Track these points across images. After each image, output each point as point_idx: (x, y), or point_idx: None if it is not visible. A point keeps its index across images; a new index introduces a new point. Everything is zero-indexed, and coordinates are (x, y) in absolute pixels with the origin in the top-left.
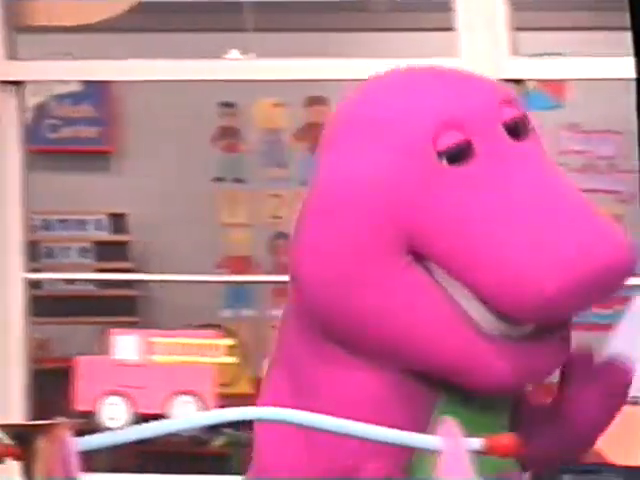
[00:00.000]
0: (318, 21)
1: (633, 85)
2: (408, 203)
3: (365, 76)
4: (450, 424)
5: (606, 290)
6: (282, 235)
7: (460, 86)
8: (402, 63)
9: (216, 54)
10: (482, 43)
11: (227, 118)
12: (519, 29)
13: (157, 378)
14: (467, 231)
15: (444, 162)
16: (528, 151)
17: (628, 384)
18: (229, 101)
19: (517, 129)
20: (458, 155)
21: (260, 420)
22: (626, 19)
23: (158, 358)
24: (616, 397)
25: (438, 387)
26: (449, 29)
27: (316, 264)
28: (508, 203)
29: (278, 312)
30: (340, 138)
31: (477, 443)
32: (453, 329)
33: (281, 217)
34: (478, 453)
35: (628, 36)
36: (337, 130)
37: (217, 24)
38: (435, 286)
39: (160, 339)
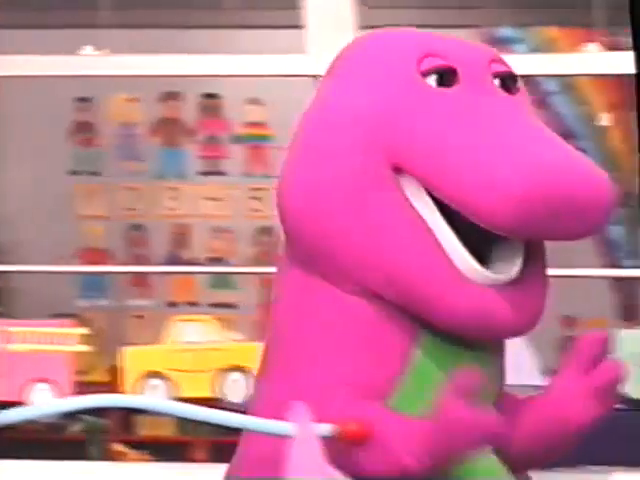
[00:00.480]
0: (172, 18)
1: None
2: (392, 120)
3: (218, 71)
4: (301, 409)
5: (580, 216)
6: (137, 227)
7: (454, 39)
8: (253, 59)
9: (71, 50)
10: (329, 40)
11: (82, 113)
12: (366, 27)
13: (14, 366)
14: (445, 144)
15: (430, 82)
16: (513, 100)
17: (616, 384)
18: (84, 96)
19: (505, 83)
20: (442, 77)
21: (112, 407)
22: (469, 17)
23: (15, 347)
24: (604, 396)
25: (418, 322)
26: (298, 27)
27: (301, 187)
28: (489, 124)
29: (133, 302)
30: (334, 74)
31: (327, 429)
32: (426, 258)
33: (136, 209)
34: (328, 438)
35: (472, 33)
36: (333, 68)
37: (71, 20)
38: (413, 212)
39: (17, 328)
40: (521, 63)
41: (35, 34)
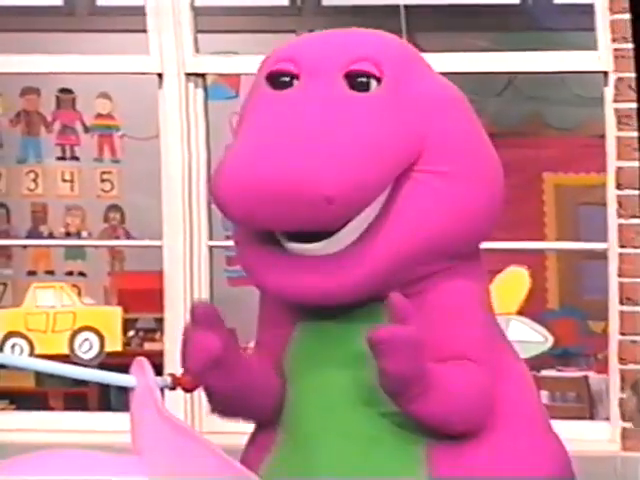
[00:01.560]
0: (31, 22)
1: None
2: (243, 117)
3: (70, 69)
4: (141, 362)
5: (278, 209)
6: (1, 205)
7: (326, 39)
8: (103, 59)
9: None
10: (169, 43)
11: None
12: (201, 31)
13: None
14: (233, 142)
15: (266, 85)
16: (349, 100)
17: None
18: None
19: (358, 82)
20: (278, 81)
21: None
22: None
23: None
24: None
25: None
26: (143, 31)
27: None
28: (265, 126)
29: None
30: None
31: (165, 380)
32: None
33: (0, 190)
34: (167, 388)
35: (291, 37)
36: None
37: None
38: None
39: None
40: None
41: None
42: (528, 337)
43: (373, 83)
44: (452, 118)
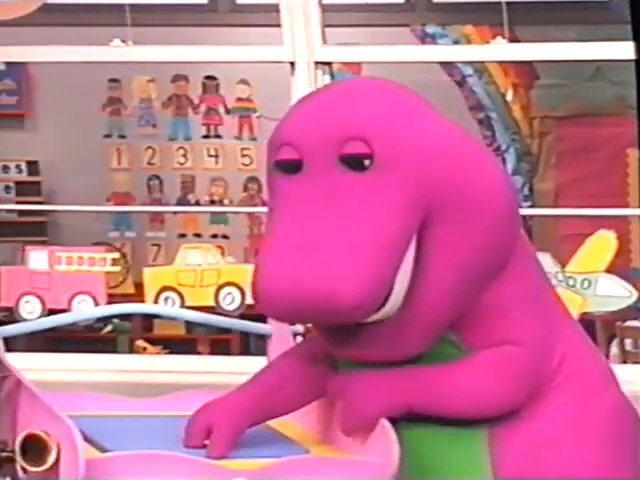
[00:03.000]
0: (180, 18)
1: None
2: (270, 206)
3: (214, 59)
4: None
5: (314, 315)
6: (155, 177)
7: (318, 115)
8: (243, 49)
9: (104, 42)
10: (300, 35)
11: (113, 90)
12: (327, 25)
13: (61, 282)
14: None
15: (278, 171)
16: (348, 185)
17: None
18: (115, 77)
19: (352, 163)
20: (285, 167)
21: (135, 313)
22: (402, 18)
23: (62, 268)
24: None
25: None
26: (277, 25)
27: None
28: (284, 223)
29: (152, 234)
30: None
31: (297, 328)
32: None
33: (154, 164)
34: (300, 335)
35: (405, 30)
36: None
37: (105, 20)
38: None
39: (63, 253)
40: (444, 52)
41: (81, 31)
42: (615, 292)
43: (366, 162)
44: (448, 169)
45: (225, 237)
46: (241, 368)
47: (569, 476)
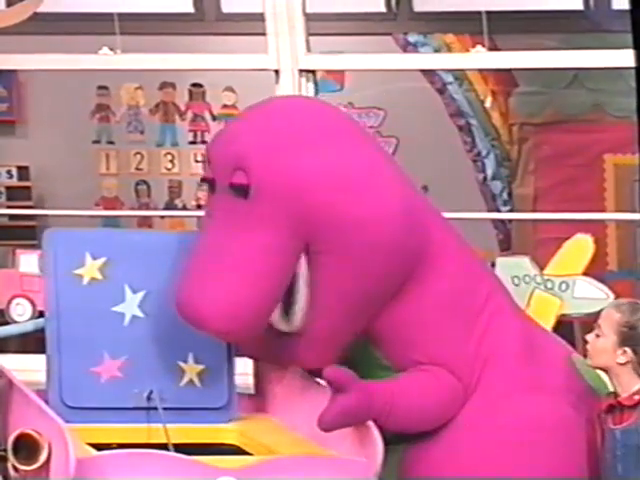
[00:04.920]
0: (167, 27)
1: (388, 73)
2: None
3: (201, 66)
4: None
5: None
6: (142, 182)
7: (224, 139)
8: (228, 57)
9: (93, 51)
10: (285, 44)
11: (102, 97)
12: (312, 34)
13: None
14: None
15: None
16: (233, 210)
17: None
18: (103, 85)
19: (237, 191)
20: (207, 184)
21: None
22: (385, 27)
23: None
24: None
25: None
26: (262, 34)
27: None
28: (196, 242)
29: None
30: None
31: None
32: None
33: (142, 169)
34: None
35: (388, 39)
36: None
37: (94, 30)
38: None
39: None
40: (426, 61)
41: (70, 39)
42: (592, 294)
43: (249, 190)
44: (323, 201)
45: None
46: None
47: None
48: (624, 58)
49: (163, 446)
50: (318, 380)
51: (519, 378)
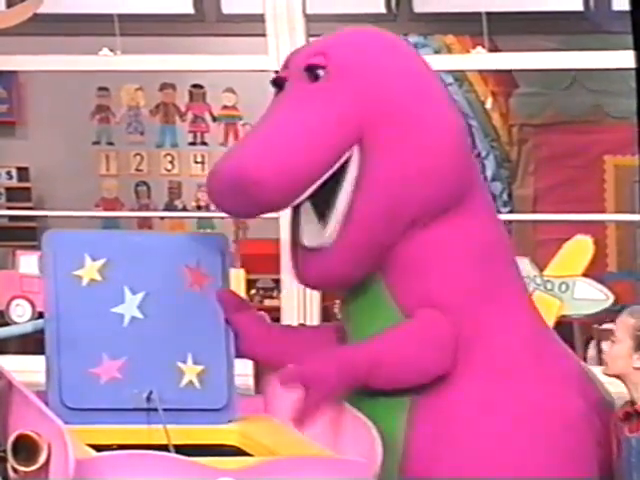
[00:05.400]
0: (168, 28)
1: None
2: None
3: (201, 67)
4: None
5: (229, 195)
6: (142, 183)
7: (313, 42)
8: (228, 59)
9: (93, 52)
10: (285, 44)
11: (102, 99)
12: (312, 35)
13: None
14: None
15: (274, 90)
16: (302, 91)
17: None
18: (103, 86)
19: (311, 73)
20: (276, 85)
21: None
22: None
23: None
24: None
25: None
26: (262, 35)
27: None
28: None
29: None
30: None
31: None
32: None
33: (142, 170)
34: None
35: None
36: None
37: (94, 30)
38: None
39: None
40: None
41: (70, 40)
42: (592, 295)
43: (321, 72)
44: (398, 100)
45: None
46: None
47: (483, 448)
48: (624, 59)
49: (163, 447)
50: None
51: (525, 361)
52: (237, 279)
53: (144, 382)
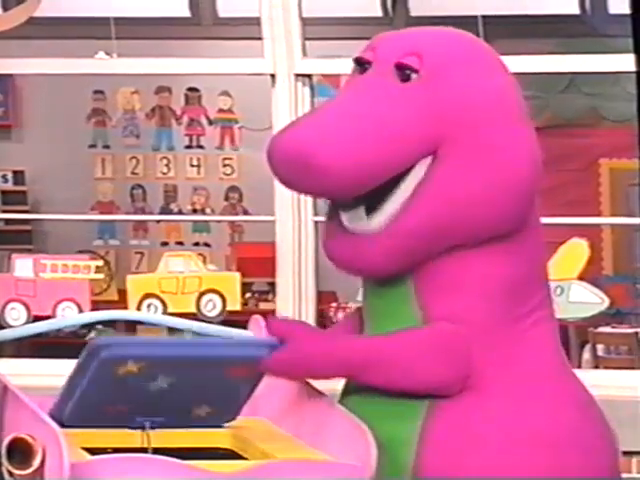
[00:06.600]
0: (164, 31)
1: None
2: None
3: (197, 71)
4: (257, 320)
5: (278, 173)
6: (138, 186)
7: (403, 34)
8: (224, 62)
9: (89, 55)
10: (281, 48)
11: (98, 102)
12: (308, 38)
13: (46, 289)
14: None
15: (355, 68)
16: (386, 86)
17: None
18: (99, 89)
19: (402, 72)
20: (359, 64)
21: (118, 320)
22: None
23: (47, 275)
24: None
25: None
26: (258, 38)
27: None
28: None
29: (135, 242)
30: None
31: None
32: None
33: (138, 174)
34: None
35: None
36: None
37: (89, 33)
38: None
39: (48, 261)
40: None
41: (66, 43)
42: (587, 299)
43: (413, 75)
44: (480, 115)
45: (207, 245)
46: None
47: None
48: (621, 62)
49: (158, 451)
50: (314, 385)
51: (552, 368)
52: (232, 282)
53: None
